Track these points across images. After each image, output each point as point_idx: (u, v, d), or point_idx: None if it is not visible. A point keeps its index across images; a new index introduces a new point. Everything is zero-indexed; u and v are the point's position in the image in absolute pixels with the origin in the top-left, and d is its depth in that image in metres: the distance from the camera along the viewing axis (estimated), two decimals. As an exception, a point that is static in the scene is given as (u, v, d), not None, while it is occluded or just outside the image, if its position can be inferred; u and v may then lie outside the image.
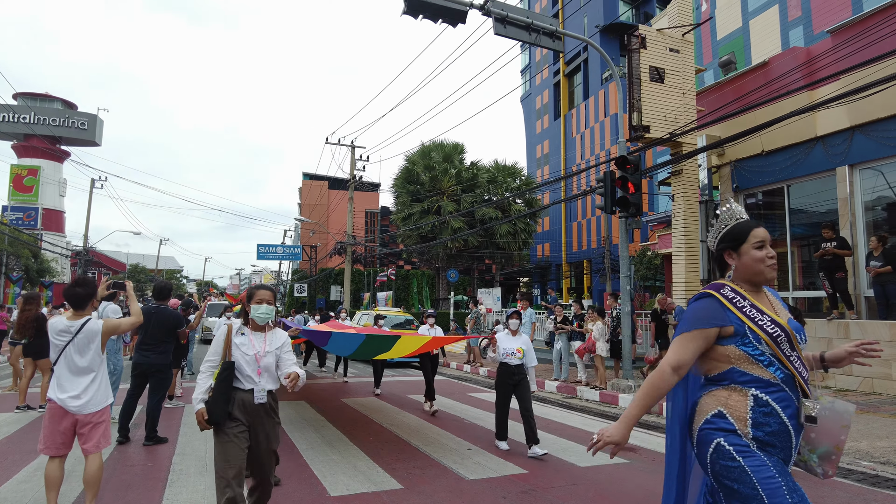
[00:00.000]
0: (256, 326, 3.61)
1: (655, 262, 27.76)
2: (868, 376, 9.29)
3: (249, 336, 3.56)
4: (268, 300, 3.61)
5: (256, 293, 3.61)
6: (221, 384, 3.37)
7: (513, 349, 6.30)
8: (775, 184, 12.14)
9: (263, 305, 3.58)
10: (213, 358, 3.51)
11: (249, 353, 3.50)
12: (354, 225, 32.84)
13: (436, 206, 33.49)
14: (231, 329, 3.53)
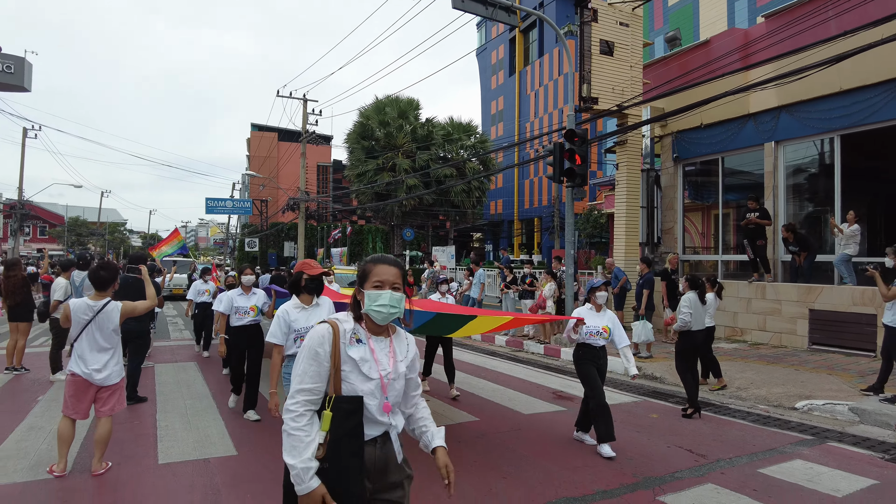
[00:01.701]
0: (375, 328, 2.12)
1: (601, 221, 29.03)
2: (777, 332, 10.51)
3: (370, 344, 2.08)
4: (393, 281, 2.07)
5: (374, 270, 2.08)
6: (349, 441, 1.96)
7: (598, 328, 5.28)
8: (711, 155, 13.08)
9: (386, 293, 2.05)
10: (310, 385, 1.99)
11: (374, 375, 2.04)
12: (307, 180, 32.57)
13: (391, 162, 33.53)
14: (338, 332, 2.05)
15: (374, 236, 42.16)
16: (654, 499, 4.12)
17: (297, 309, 3.97)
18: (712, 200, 13.75)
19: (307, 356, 2.02)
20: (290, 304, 3.88)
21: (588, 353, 5.37)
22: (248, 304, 6.18)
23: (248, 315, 6.14)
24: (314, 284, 4.03)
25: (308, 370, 2.00)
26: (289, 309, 3.87)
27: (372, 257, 2.17)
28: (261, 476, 4.41)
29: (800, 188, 12.09)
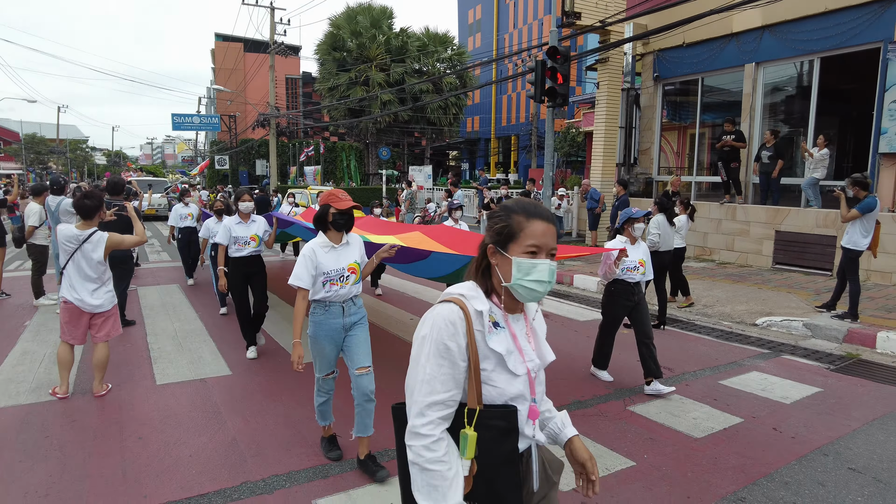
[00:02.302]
0: (512, 303, 1.55)
1: (578, 140, 28.95)
2: (744, 252, 10.97)
3: (510, 328, 1.53)
4: (552, 246, 1.49)
5: (528, 227, 1.47)
6: (505, 472, 1.47)
7: (634, 262, 4.86)
8: (692, 75, 12.97)
9: (544, 263, 1.46)
10: (443, 395, 1.43)
11: (520, 371, 1.50)
12: (276, 95, 31.36)
13: (364, 76, 32.37)
14: (470, 316, 1.45)
15: (347, 154, 41.39)
16: (624, 408, 4.50)
17: (326, 248, 3.35)
18: (690, 121, 13.80)
19: (434, 353, 1.41)
20: (317, 243, 3.32)
21: (622, 291, 4.93)
22: (248, 234, 5.59)
23: (249, 245, 5.57)
24: (343, 220, 3.36)
25: (437, 374, 1.40)
26: (316, 248, 3.30)
27: (518, 205, 1.49)
28: (255, 394, 4.65)
29: (776, 110, 12.18)
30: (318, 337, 3.36)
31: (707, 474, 3.45)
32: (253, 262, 5.66)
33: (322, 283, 3.31)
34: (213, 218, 7.57)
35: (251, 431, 3.92)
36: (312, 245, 3.32)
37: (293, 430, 3.97)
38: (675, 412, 4.42)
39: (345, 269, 3.37)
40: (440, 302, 1.49)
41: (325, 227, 3.39)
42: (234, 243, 5.55)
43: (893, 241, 8.77)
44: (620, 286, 4.95)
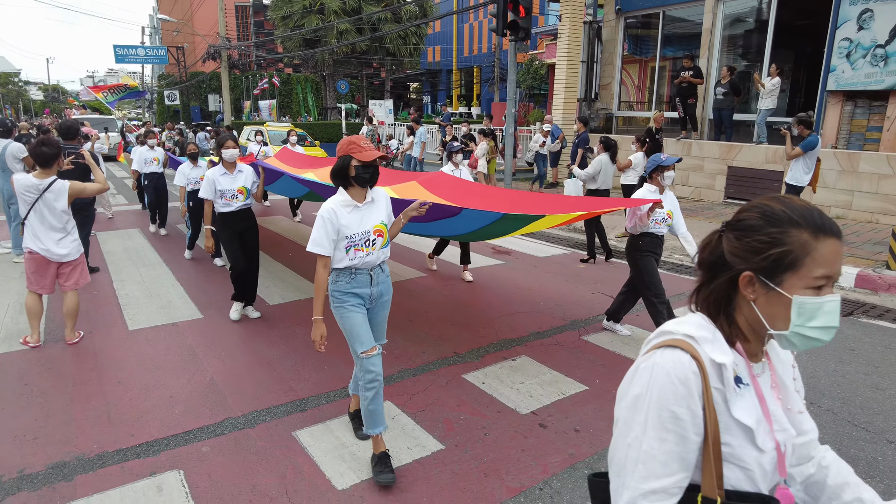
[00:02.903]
0: (756, 349, 1.11)
1: (541, 73, 28.62)
2: (698, 187, 11.40)
3: (755, 386, 1.09)
4: (838, 273, 1.03)
5: (817, 249, 1.00)
6: None
7: (663, 213, 4.45)
8: (653, 8, 12.92)
9: (835, 300, 1.01)
10: (667, 479, 1.00)
11: (768, 445, 1.05)
12: (226, 25, 29.67)
13: (318, 3, 30.82)
14: (705, 369, 1.02)
15: (303, 87, 39.91)
16: (579, 338, 4.84)
17: (348, 208, 2.81)
18: (650, 55, 13.85)
19: (655, 423, 1.01)
20: (336, 202, 2.80)
21: (651, 244, 4.57)
22: (236, 187, 4.98)
23: (238, 199, 4.99)
24: (368, 173, 2.79)
25: (659, 452, 1.01)
26: (336, 208, 2.78)
27: (797, 213, 1.03)
28: (229, 336, 4.81)
29: (735, 44, 12.33)
30: (348, 307, 2.90)
31: (651, 396, 3.82)
32: (244, 216, 5.10)
33: (345, 248, 2.81)
34: (186, 163, 7.33)
35: (228, 372, 4.10)
36: (332, 205, 2.80)
37: (269, 369, 4.17)
38: (626, 341, 4.79)
39: (370, 232, 2.86)
40: (660, 346, 1.07)
41: (345, 182, 2.83)
42: (221, 197, 4.94)
43: (833, 175, 9.26)
44: (649, 239, 4.56)
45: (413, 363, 4.27)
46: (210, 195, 4.93)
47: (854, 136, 9.74)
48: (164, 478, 2.88)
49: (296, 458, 3.06)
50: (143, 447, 3.14)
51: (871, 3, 9.01)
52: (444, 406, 3.64)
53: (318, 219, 2.78)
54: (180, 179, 7.33)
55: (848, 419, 3.53)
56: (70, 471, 2.92)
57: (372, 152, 2.77)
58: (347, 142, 2.82)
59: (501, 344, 4.67)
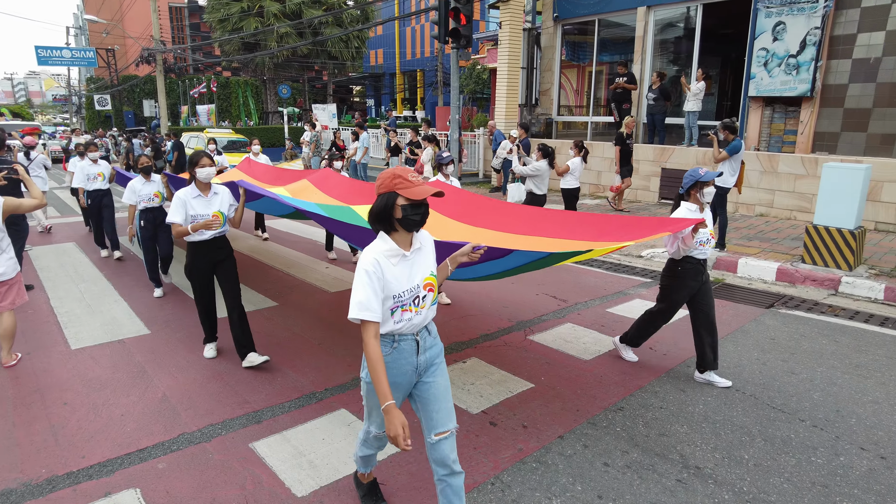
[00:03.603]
0: None
1: (483, 77, 29.09)
2: (634, 188, 11.94)
3: None
4: None
5: None
6: None
7: (706, 234, 4.03)
8: (589, 16, 13.44)
9: None
10: None
11: None
12: (160, 27, 28.70)
13: (257, 6, 30.26)
14: None
15: (243, 91, 39.03)
16: (525, 338, 5.07)
17: (394, 259, 2.25)
18: (587, 60, 14.39)
19: None
20: (380, 251, 2.23)
21: (692, 270, 4.11)
22: (210, 211, 4.25)
23: (213, 225, 4.17)
24: (419, 215, 2.22)
25: None
26: (381, 259, 2.22)
27: None
28: (178, 351, 4.76)
29: (665, 51, 12.99)
30: None
31: (594, 390, 4.08)
32: (219, 245, 4.39)
33: (391, 309, 2.26)
34: (138, 178, 6.34)
35: (180, 387, 4.09)
36: (375, 255, 2.21)
37: (221, 382, 4.18)
38: (569, 339, 5.05)
39: (420, 287, 2.30)
40: None
41: (388, 225, 2.23)
42: (191, 222, 4.22)
43: (756, 176, 9.93)
44: (690, 264, 4.11)
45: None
46: (180, 219, 4.17)
47: (773, 139, 10.48)
48: (121, 497, 2.88)
49: (254, 469, 3.11)
50: (95, 468, 3.12)
51: (784, 16, 9.73)
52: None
53: (360, 275, 2.19)
54: (130, 197, 6.22)
55: (767, 402, 3.88)
56: (18, 497, 2.88)
57: (423, 188, 2.18)
58: (392, 175, 2.21)
59: (452, 347, 4.83)
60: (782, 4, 9.69)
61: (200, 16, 41.11)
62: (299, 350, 4.80)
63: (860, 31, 9.20)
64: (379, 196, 2.22)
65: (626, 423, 3.63)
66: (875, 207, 8.68)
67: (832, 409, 3.77)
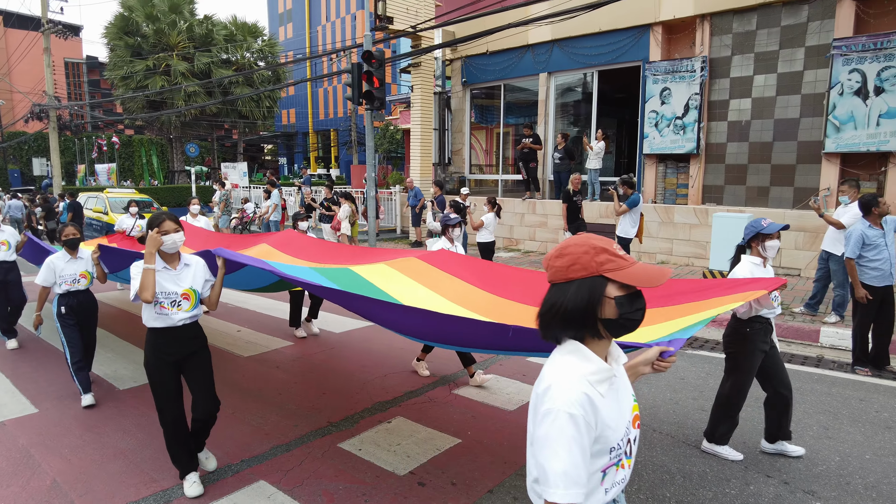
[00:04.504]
0: None
1: (397, 137, 29.84)
2: (545, 241, 12.47)
3: None
4: None
5: None
6: None
7: (775, 292, 3.55)
8: (495, 81, 14.26)
9: None
10: None
11: None
12: (55, 82, 27.29)
13: (164, 64, 29.62)
14: None
15: (147, 149, 37.55)
16: (450, 392, 5.03)
17: (603, 385, 1.41)
18: (495, 122, 15.16)
19: None
20: (580, 375, 1.38)
21: (761, 331, 3.70)
22: (180, 289, 3.38)
23: (181, 309, 3.37)
24: (639, 313, 1.43)
25: None
26: (588, 390, 1.37)
27: None
28: (72, 430, 4.31)
29: (566, 113, 13.96)
30: None
31: (519, 440, 4.09)
32: (190, 335, 3.46)
33: (602, 471, 1.40)
34: (60, 253, 4.96)
35: (74, 470, 3.67)
36: (579, 386, 1.35)
37: (124, 460, 3.80)
38: (493, 390, 5.07)
39: (630, 423, 1.50)
40: None
41: (589, 330, 1.41)
42: (154, 305, 3.31)
43: (655, 226, 10.69)
44: (759, 325, 3.69)
45: (286, 438, 4.14)
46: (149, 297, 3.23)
47: (668, 192, 11.39)
48: None
49: (161, 557, 2.82)
50: (-34, 573, 2.70)
51: (669, 82, 10.80)
52: (321, 478, 3.58)
53: (558, 424, 1.31)
54: (46, 277, 4.87)
55: (683, 440, 4.05)
56: None
57: (647, 268, 1.39)
58: (592, 249, 1.40)
59: (376, 407, 4.70)
60: (667, 72, 10.77)
61: (101, 72, 39.57)
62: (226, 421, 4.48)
63: (731, 98, 10.37)
64: (569, 283, 1.40)
65: (553, 471, 3.64)
66: (758, 253, 9.56)
67: (739, 442, 3.99)
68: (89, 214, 15.13)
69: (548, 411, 1.32)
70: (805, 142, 9.64)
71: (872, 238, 5.29)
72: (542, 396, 1.36)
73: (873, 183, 9.02)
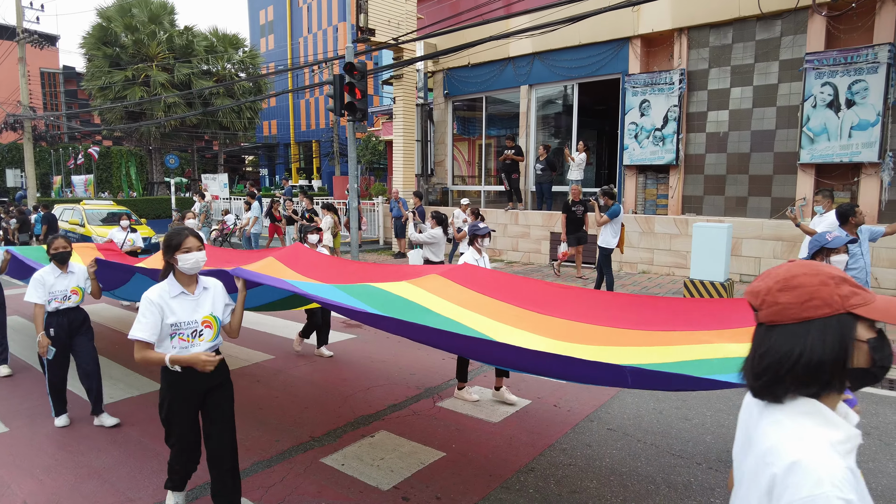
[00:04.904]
0: None
1: (379, 149, 29.84)
2: (527, 251, 12.51)
3: None
4: None
5: None
6: None
7: None
8: (477, 93, 14.34)
9: None
10: None
11: None
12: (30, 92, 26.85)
13: (143, 75, 29.29)
14: None
15: (126, 161, 37.06)
16: (433, 405, 4.99)
17: (851, 453, 1.11)
18: (477, 134, 15.23)
19: None
20: (827, 452, 1.04)
21: None
22: (200, 316, 2.98)
23: (202, 339, 2.98)
24: (890, 360, 1.13)
25: None
26: (848, 477, 1.02)
27: None
28: (44, 448, 4.18)
29: (547, 124, 14.08)
30: None
31: (504, 453, 4.06)
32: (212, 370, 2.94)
33: None
34: (49, 267, 4.53)
35: (46, 491, 3.55)
36: (834, 470, 1.01)
37: (100, 479, 3.69)
38: (478, 404, 5.03)
39: None
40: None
41: (835, 384, 1.11)
42: (173, 336, 2.90)
43: (636, 237, 10.79)
44: None
45: (267, 454, 4.06)
46: (152, 334, 2.84)
47: (648, 203, 11.52)
48: None
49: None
50: None
51: (648, 94, 10.96)
52: (304, 494, 3.51)
53: None
54: (37, 293, 4.39)
55: (667, 450, 4.06)
56: None
57: None
58: (832, 280, 1.12)
59: (359, 421, 4.64)
60: (646, 85, 10.93)
61: (78, 82, 39.05)
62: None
63: (709, 109, 10.55)
64: (806, 325, 1.12)
65: (538, 483, 3.62)
66: (738, 261, 9.70)
67: (723, 450, 4.01)
68: (65, 226, 14.86)
69: (811, 498, 0.98)
70: (781, 153, 9.83)
71: (850, 247, 5.38)
72: (790, 477, 1.02)
73: (847, 193, 9.23)
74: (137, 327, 2.82)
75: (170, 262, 2.96)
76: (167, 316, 2.88)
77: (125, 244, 8.26)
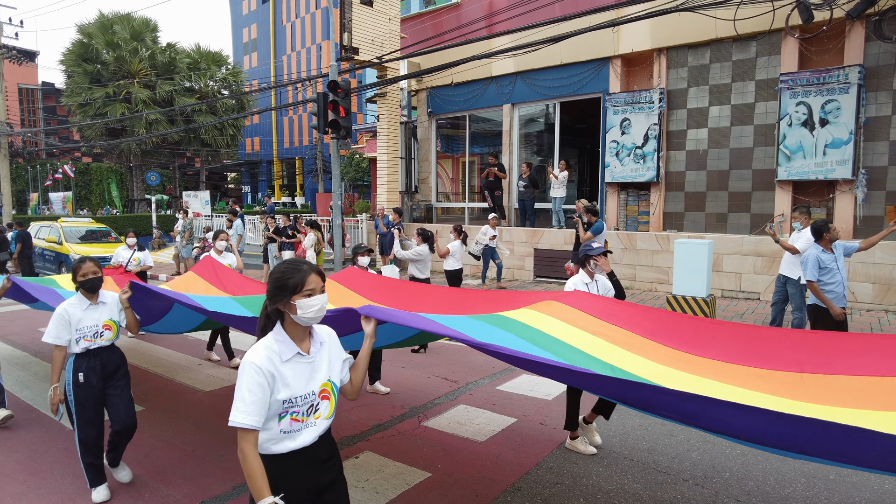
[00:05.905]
0: None
1: (363, 166, 29.85)
2: (511, 268, 12.54)
3: None
4: None
5: None
6: None
7: None
8: (460, 112, 14.47)
9: None
10: None
11: None
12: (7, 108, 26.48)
13: (124, 91, 29.08)
14: None
15: (106, 178, 36.60)
16: (419, 424, 4.93)
17: None
18: (461, 151, 15.34)
19: None
20: None
21: None
22: (318, 385, 2.12)
23: (319, 417, 2.14)
24: None
25: None
26: None
27: None
28: (15, 475, 4.04)
29: (530, 142, 14.23)
30: None
31: (491, 472, 4.01)
32: (324, 452, 2.19)
33: None
34: (75, 298, 3.69)
35: (16, 519, 3.43)
36: None
37: (71, 507, 3.57)
38: (463, 421, 4.99)
39: None
40: None
41: None
42: (286, 414, 2.04)
43: (619, 253, 10.88)
44: None
45: (248, 474, 3.97)
46: (260, 418, 1.97)
47: (630, 220, 11.64)
48: None
49: None
50: None
51: (629, 113, 11.13)
52: (286, 517, 3.42)
53: None
54: (60, 331, 3.57)
55: (653, 466, 4.05)
56: None
57: None
58: None
59: (343, 442, 4.56)
60: (626, 104, 11.11)
61: (57, 98, 38.63)
62: (170, 459, 4.27)
63: (689, 128, 10.75)
64: None
65: (525, 503, 3.58)
66: (720, 277, 9.81)
67: (709, 466, 4.01)
68: (41, 244, 14.51)
69: None
70: (759, 170, 10.03)
71: (826, 262, 5.48)
72: None
73: (823, 209, 9.42)
74: (241, 407, 1.94)
75: (282, 309, 2.08)
76: (279, 390, 2.01)
77: (130, 263, 7.31)
